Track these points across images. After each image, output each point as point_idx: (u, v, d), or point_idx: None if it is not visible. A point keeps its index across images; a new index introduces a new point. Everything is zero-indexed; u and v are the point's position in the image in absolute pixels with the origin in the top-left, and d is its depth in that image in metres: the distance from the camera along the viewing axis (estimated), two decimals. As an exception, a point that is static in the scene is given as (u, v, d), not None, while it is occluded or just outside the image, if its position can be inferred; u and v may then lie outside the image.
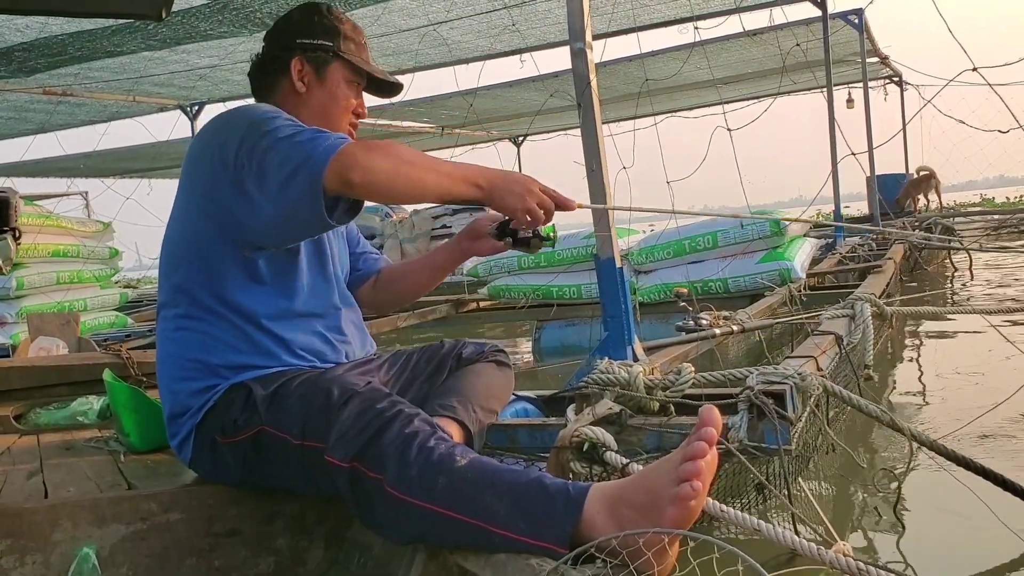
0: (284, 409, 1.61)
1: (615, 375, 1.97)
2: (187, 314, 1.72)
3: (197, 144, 1.75)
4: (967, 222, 11.75)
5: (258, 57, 1.92)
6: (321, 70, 1.87)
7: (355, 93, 1.92)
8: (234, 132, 1.64)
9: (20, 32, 6.07)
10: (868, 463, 2.63)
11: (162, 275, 1.80)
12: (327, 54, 1.87)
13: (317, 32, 1.87)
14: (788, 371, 1.82)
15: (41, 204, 7.74)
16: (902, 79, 13.54)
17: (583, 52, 2.41)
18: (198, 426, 1.69)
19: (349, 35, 1.91)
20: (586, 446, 1.69)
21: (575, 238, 6.12)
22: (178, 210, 1.78)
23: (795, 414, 1.74)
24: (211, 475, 1.75)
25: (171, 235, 1.79)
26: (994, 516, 1.96)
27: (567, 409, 1.97)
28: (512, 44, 8.10)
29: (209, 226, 1.69)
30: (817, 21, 8.24)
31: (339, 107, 1.89)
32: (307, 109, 1.85)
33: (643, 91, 8.87)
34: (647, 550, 1.21)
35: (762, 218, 5.37)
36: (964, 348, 4.50)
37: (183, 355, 1.72)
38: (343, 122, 1.90)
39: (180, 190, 1.77)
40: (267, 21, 6.39)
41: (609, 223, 2.40)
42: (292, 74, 1.85)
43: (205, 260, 1.71)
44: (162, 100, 9.49)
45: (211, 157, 1.67)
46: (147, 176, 14.57)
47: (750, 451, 1.69)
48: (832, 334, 2.62)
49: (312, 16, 1.89)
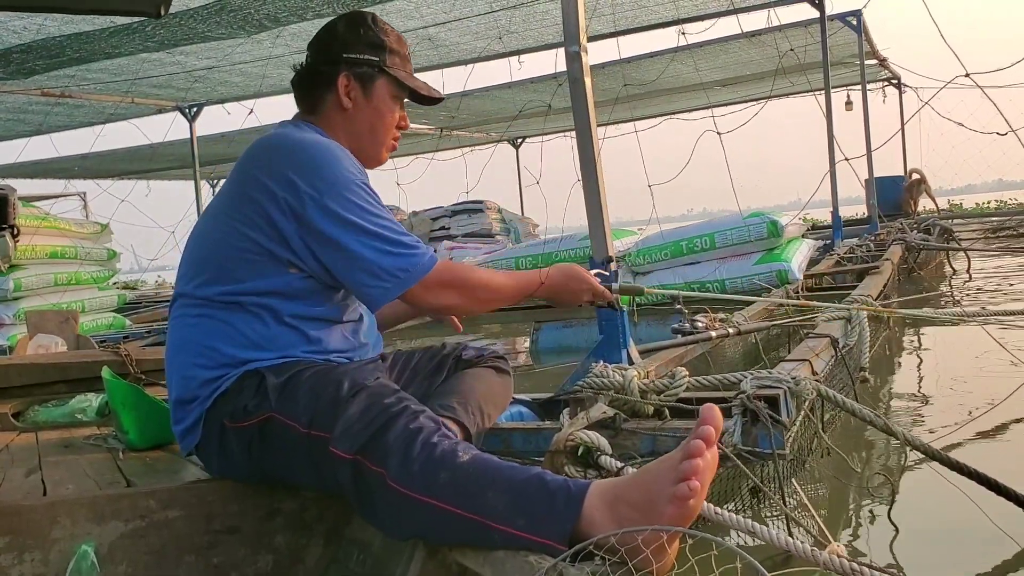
0: (294, 398, 1.62)
1: (610, 379, 1.97)
2: (211, 303, 1.72)
3: (260, 164, 1.74)
4: (964, 223, 11.77)
5: (302, 67, 1.91)
6: (368, 86, 1.87)
7: (399, 106, 1.94)
8: (311, 183, 1.67)
9: (18, 34, 6.07)
10: (863, 464, 2.64)
11: (188, 263, 1.80)
12: (373, 69, 1.86)
13: (363, 46, 1.86)
14: (782, 375, 1.82)
15: (38, 205, 7.73)
16: (900, 81, 13.54)
17: (578, 55, 2.41)
18: (207, 411, 1.70)
19: (394, 48, 1.90)
20: (581, 450, 1.69)
21: (572, 239, 6.14)
22: (223, 208, 1.77)
23: (789, 418, 1.75)
24: (214, 461, 1.76)
25: (208, 229, 1.79)
26: (987, 519, 1.96)
27: (562, 413, 1.98)
28: (510, 45, 8.11)
29: (259, 237, 1.70)
30: (815, 23, 8.24)
31: (385, 124, 1.91)
32: (354, 126, 1.87)
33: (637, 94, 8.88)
34: (646, 548, 1.21)
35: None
36: (961, 348, 4.51)
37: (200, 341, 1.72)
38: (388, 138, 1.94)
39: (230, 193, 1.77)
40: (265, 23, 6.39)
41: (604, 226, 2.41)
42: (339, 90, 1.85)
43: (248, 264, 1.71)
44: (160, 101, 9.49)
45: (275, 194, 1.68)
46: (145, 177, 14.57)
47: (744, 455, 1.69)
48: (828, 337, 2.62)
49: (358, 29, 1.88)
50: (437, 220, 11.98)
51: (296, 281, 1.72)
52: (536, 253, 6.37)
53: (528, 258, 6.48)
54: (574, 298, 1.99)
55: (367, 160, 1.91)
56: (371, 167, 1.93)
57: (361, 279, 1.68)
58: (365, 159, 1.90)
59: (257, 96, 9.48)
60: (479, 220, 11.58)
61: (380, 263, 1.67)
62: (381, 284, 1.68)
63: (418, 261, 1.70)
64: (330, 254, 1.68)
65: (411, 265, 1.69)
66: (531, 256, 6.44)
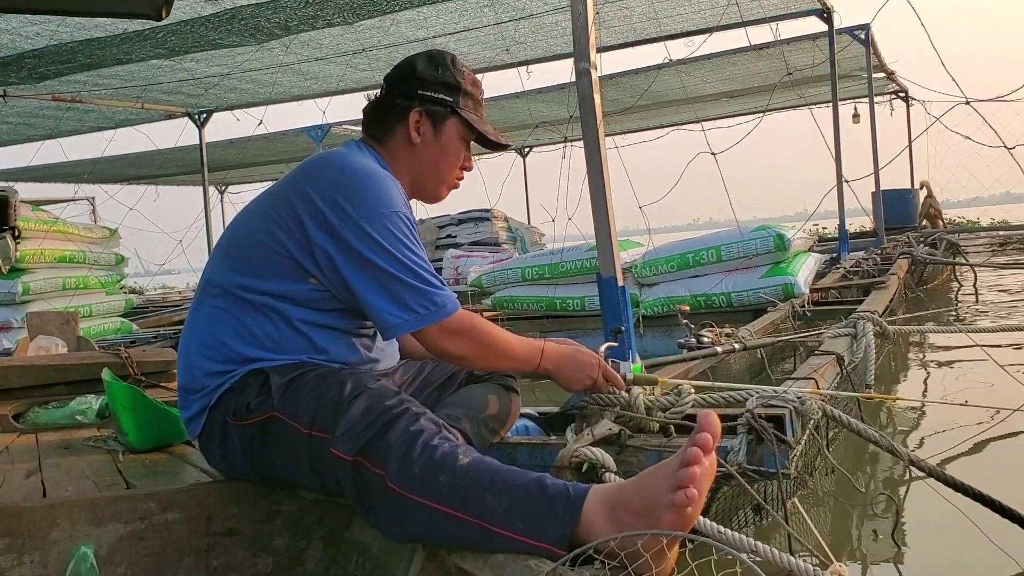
0: (297, 398, 1.64)
1: (615, 395, 1.98)
2: (229, 295, 1.75)
3: (309, 176, 1.77)
4: (972, 238, 11.74)
5: (377, 98, 1.95)
6: (438, 125, 1.90)
7: (466, 148, 1.98)
8: (353, 203, 1.69)
9: (31, 40, 6.11)
10: (868, 481, 2.63)
11: (220, 247, 1.84)
12: (446, 109, 1.90)
13: (439, 85, 1.90)
14: (788, 395, 1.83)
15: (47, 209, 7.78)
16: (908, 94, 13.53)
17: (587, 72, 2.43)
18: (211, 407, 1.72)
19: (469, 91, 1.94)
20: (585, 466, 1.70)
21: (579, 250, 6.13)
22: (264, 206, 1.80)
23: (794, 438, 1.75)
24: (216, 455, 1.77)
25: (246, 220, 1.83)
26: (990, 541, 1.96)
27: (568, 428, 1.98)
28: (518, 56, 8.14)
29: (287, 241, 1.73)
30: (823, 36, 8.25)
31: (449, 163, 1.95)
32: (418, 161, 1.91)
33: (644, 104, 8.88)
34: (645, 552, 1.22)
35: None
36: (967, 365, 4.50)
37: (212, 333, 1.75)
38: (450, 177, 1.97)
39: (275, 194, 1.80)
40: (276, 31, 6.43)
41: (611, 240, 2.42)
42: (409, 124, 1.89)
43: (271, 263, 1.73)
44: (170, 107, 9.54)
45: (315, 205, 1.71)
46: (154, 183, 14.61)
47: (749, 474, 1.69)
48: (834, 354, 2.62)
49: (436, 68, 1.92)
50: (444, 228, 12.01)
51: (312, 291, 1.74)
52: (543, 263, 6.37)
53: (534, 268, 6.48)
54: (581, 374, 1.94)
55: (426, 196, 1.98)
56: (429, 203, 2.02)
57: (381, 305, 1.69)
58: (424, 194, 1.97)
59: (267, 103, 9.53)
60: (485, 228, 11.61)
61: (403, 295, 1.68)
62: (400, 315, 1.69)
63: (442, 303, 1.71)
64: (356, 274, 1.69)
65: (434, 305, 1.70)
66: (537, 267, 6.44)
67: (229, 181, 16.42)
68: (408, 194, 1.90)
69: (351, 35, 6.87)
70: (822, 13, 7.89)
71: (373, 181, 1.74)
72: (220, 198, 16.61)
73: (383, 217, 1.70)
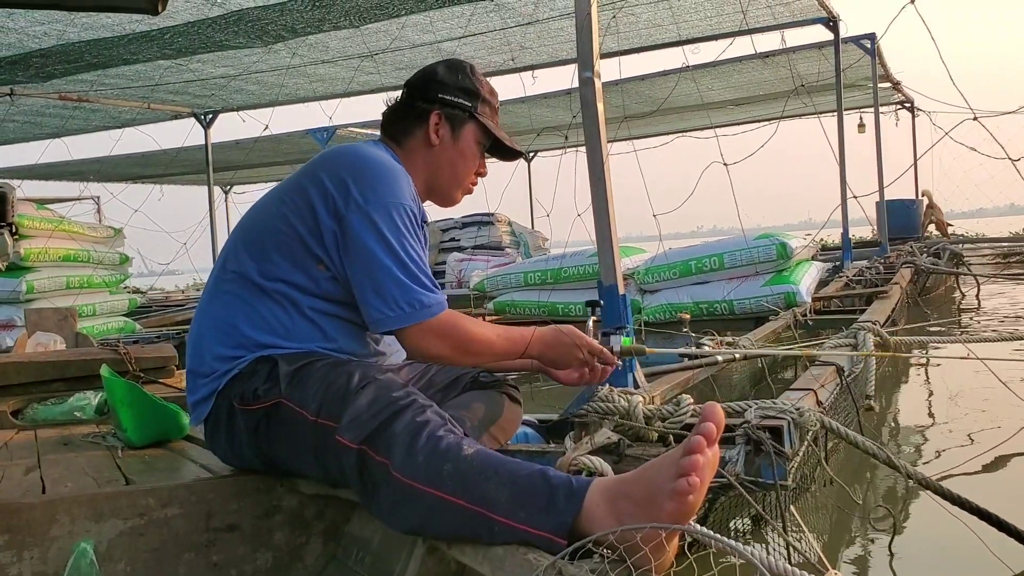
0: (305, 386, 1.65)
1: (615, 404, 1.99)
2: (243, 280, 1.78)
3: (324, 164, 1.81)
4: (975, 248, 11.73)
5: (397, 102, 2.00)
6: (457, 128, 1.96)
7: (481, 153, 2.03)
8: (362, 191, 1.73)
9: (38, 39, 6.14)
10: (865, 490, 2.63)
11: (236, 232, 1.87)
12: (464, 113, 1.96)
13: (459, 91, 1.97)
14: (786, 406, 1.83)
15: (53, 208, 7.80)
16: (914, 105, 13.52)
17: (591, 80, 2.43)
18: (219, 392, 1.74)
19: (486, 98, 2.00)
20: (584, 475, 1.70)
21: (581, 255, 6.14)
22: (280, 193, 1.84)
23: (792, 449, 1.75)
24: (221, 440, 1.78)
25: (263, 206, 1.86)
26: (989, 552, 1.96)
27: (567, 436, 1.99)
28: (523, 61, 8.15)
29: (298, 225, 1.76)
30: (829, 45, 8.26)
31: (467, 166, 2.00)
32: (435, 163, 1.95)
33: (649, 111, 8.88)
34: (645, 545, 1.22)
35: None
36: (968, 376, 4.49)
37: (224, 317, 1.77)
38: (465, 181, 2.02)
39: (291, 183, 1.84)
40: (283, 34, 6.45)
41: (613, 248, 2.42)
42: (429, 126, 1.94)
43: (282, 247, 1.76)
44: (176, 107, 9.57)
45: (327, 191, 1.75)
46: (159, 182, 14.64)
47: (746, 485, 1.70)
48: (833, 365, 2.62)
49: (456, 74, 1.98)
50: (447, 232, 12.01)
51: (323, 279, 1.77)
52: (545, 268, 6.38)
53: (536, 273, 6.49)
54: (567, 354, 1.95)
55: (440, 198, 2.02)
56: (443, 205, 2.05)
57: (369, 297, 1.72)
58: (439, 196, 2.02)
59: (273, 105, 9.55)
60: (489, 232, 11.61)
61: (392, 291, 1.71)
62: (384, 310, 1.71)
63: (428, 303, 1.73)
64: (352, 259, 1.72)
65: (420, 304, 1.72)
66: (539, 271, 6.44)
67: (234, 181, 16.46)
68: (422, 196, 1.95)
69: (358, 38, 6.89)
70: (828, 22, 7.90)
71: (386, 170, 1.79)
72: (225, 198, 16.65)
73: (390, 207, 1.74)
